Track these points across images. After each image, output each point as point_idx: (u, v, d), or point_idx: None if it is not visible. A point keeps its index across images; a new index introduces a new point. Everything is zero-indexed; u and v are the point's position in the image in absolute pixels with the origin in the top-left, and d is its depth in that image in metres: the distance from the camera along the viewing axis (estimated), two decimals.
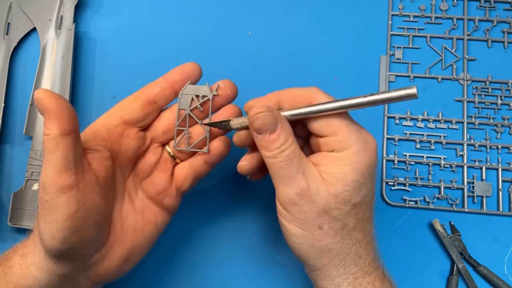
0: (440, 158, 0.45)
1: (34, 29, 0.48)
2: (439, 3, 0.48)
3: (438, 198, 0.44)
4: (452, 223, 0.43)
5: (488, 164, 0.44)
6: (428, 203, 0.44)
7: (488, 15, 0.48)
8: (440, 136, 0.45)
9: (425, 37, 0.48)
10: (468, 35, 0.47)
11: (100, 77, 0.47)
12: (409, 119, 0.46)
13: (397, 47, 0.47)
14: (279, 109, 0.33)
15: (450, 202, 0.44)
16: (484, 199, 0.44)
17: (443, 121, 0.45)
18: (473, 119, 0.45)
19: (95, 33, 0.48)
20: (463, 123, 0.45)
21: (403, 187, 0.44)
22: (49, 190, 0.29)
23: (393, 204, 0.44)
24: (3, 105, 0.45)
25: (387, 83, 0.46)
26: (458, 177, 0.44)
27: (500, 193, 0.44)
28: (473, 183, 0.44)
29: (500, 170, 0.44)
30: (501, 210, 0.43)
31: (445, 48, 0.47)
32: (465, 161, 0.45)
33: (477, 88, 0.46)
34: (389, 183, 0.44)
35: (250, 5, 0.49)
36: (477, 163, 0.44)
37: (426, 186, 0.44)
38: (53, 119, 0.29)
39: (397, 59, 0.47)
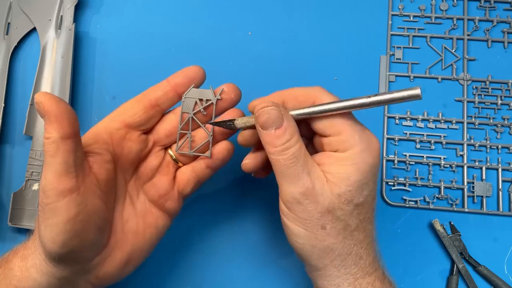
0: (440, 158, 0.45)
1: (34, 29, 0.48)
2: (439, 3, 0.48)
3: (438, 198, 0.44)
4: (452, 223, 0.43)
5: (488, 164, 0.44)
6: (428, 203, 0.44)
7: (488, 15, 0.48)
8: (440, 136, 0.45)
9: (425, 37, 0.47)
10: (468, 35, 0.47)
11: (100, 77, 0.47)
12: (409, 119, 0.46)
13: (397, 47, 0.47)
14: None
15: (450, 202, 0.44)
16: (484, 199, 0.44)
17: (443, 121, 0.45)
18: (473, 119, 0.45)
19: (95, 33, 0.48)
20: (463, 123, 0.45)
21: (403, 187, 0.44)
22: (49, 193, 0.29)
23: (393, 204, 0.44)
24: (3, 105, 0.45)
25: (387, 83, 0.46)
26: (458, 177, 0.44)
27: (500, 193, 0.44)
28: (473, 183, 0.44)
29: (500, 170, 0.44)
30: (501, 210, 0.43)
31: (445, 48, 0.47)
32: (465, 161, 0.45)
33: (477, 88, 0.46)
34: (389, 183, 0.44)
35: (250, 5, 0.49)
36: (477, 163, 0.44)
37: (426, 186, 0.44)
38: (53, 123, 0.29)
39: (397, 59, 0.47)
